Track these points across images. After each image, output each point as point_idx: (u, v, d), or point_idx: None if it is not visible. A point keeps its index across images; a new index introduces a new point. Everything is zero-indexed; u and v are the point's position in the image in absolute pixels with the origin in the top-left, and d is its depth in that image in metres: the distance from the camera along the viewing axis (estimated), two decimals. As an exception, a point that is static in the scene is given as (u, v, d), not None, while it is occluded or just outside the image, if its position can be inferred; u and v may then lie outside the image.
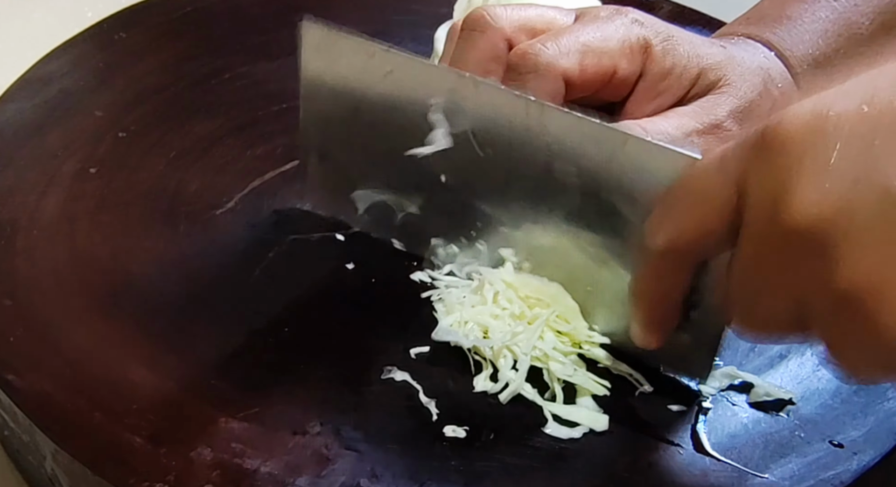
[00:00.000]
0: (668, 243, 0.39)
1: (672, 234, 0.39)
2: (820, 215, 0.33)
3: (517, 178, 0.46)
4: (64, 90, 0.60)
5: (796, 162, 0.34)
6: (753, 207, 0.36)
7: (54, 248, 0.50)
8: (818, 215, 0.33)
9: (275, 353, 0.46)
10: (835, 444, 0.44)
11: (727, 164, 0.37)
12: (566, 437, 0.43)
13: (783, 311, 0.36)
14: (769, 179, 0.35)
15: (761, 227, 0.35)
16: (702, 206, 0.38)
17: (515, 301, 0.47)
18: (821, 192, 0.33)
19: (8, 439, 0.48)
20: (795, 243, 0.34)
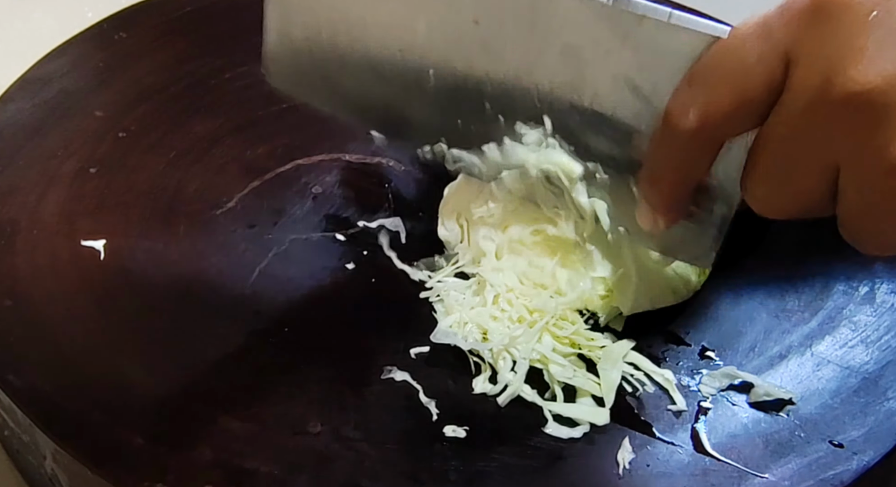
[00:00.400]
0: (700, 120, 0.37)
1: (705, 110, 0.37)
2: (882, 81, 0.32)
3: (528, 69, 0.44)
4: (64, 90, 0.60)
5: (861, 26, 0.33)
6: (805, 72, 0.34)
7: (54, 248, 0.50)
8: (880, 80, 0.32)
9: (275, 353, 0.46)
10: (835, 444, 0.44)
11: (772, 30, 0.35)
12: (566, 437, 0.43)
13: (814, 183, 0.35)
14: (825, 44, 0.33)
15: (810, 93, 0.34)
16: (740, 78, 0.36)
17: (516, 304, 0.46)
18: (885, 60, 0.32)
19: (8, 439, 0.48)
20: (849, 111, 0.33)
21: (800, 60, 0.34)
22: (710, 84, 0.37)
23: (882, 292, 0.50)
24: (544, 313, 0.46)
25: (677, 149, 0.39)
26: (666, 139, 0.39)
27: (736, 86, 0.36)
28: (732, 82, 0.36)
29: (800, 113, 0.34)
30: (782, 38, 0.35)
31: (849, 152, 0.34)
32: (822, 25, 0.34)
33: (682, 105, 0.38)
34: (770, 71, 0.35)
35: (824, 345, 0.48)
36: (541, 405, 0.44)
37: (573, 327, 0.46)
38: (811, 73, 0.34)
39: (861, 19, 0.33)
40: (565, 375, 0.45)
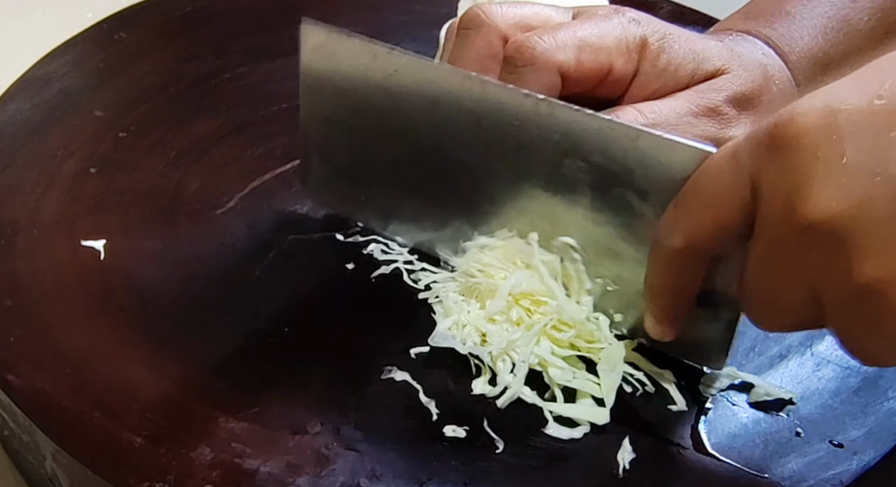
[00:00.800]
0: (685, 241, 0.40)
1: (688, 232, 0.40)
2: (837, 211, 0.33)
3: (527, 176, 0.46)
4: (64, 90, 0.60)
5: (810, 158, 0.34)
6: (768, 203, 0.36)
7: (54, 248, 0.51)
8: (835, 210, 0.33)
9: (275, 353, 0.46)
10: (835, 444, 0.44)
11: (739, 160, 0.37)
12: (566, 437, 0.43)
13: (799, 303, 0.37)
14: (783, 177, 0.35)
15: (777, 223, 0.36)
16: (716, 203, 0.38)
17: (514, 307, 0.46)
18: (837, 187, 0.33)
19: (8, 439, 0.48)
20: (812, 238, 0.34)
21: (763, 191, 0.36)
22: (691, 208, 0.40)
23: (882, 292, 0.50)
24: (544, 315, 0.46)
25: (669, 266, 0.42)
26: (658, 257, 0.42)
27: (713, 210, 0.39)
28: (710, 207, 0.39)
29: (771, 242, 0.37)
30: (749, 167, 0.37)
31: (820, 277, 0.35)
32: (779, 158, 0.35)
33: (670, 226, 0.41)
34: (741, 197, 0.37)
35: (824, 345, 0.48)
36: (541, 406, 0.44)
37: (572, 330, 0.46)
38: (774, 204, 0.36)
39: (809, 152, 0.34)
40: (564, 378, 0.45)
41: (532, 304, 0.46)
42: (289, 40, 0.50)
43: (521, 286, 0.46)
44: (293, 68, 0.50)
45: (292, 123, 0.58)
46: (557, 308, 0.46)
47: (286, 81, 0.61)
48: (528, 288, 0.46)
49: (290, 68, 0.57)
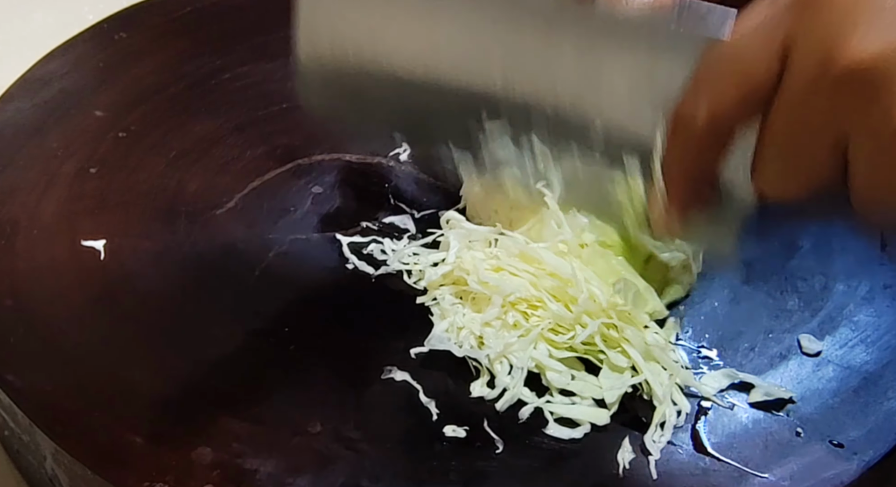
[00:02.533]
0: (710, 115, 0.38)
1: (713, 106, 0.38)
2: (877, 53, 0.34)
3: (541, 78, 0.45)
4: (64, 90, 0.60)
5: (850, 5, 0.34)
6: (802, 55, 0.36)
7: (54, 248, 0.51)
8: (875, 52, 0.34)
9: (275, 353, 0.46)
10: (835, 444, 0.44)
11: (770, 20, 0.37)
12: (567, 437, 0.43)
13: (823, 156, 0.36)
14: (820, 25, 0.35)
15: (810, 72, 0.35)
16: (744, 69, 0.37)
17: (511, 311, 0.46)
18: (878, 29, 0.34)
19: (8, 439, 0.48)
20: (848, 84, 0.34)
21: (796, 44, 0.36)
22: (714, 82, 0.38)
23: (882, 293, 0.50)
24: (542, 319, 0.46)
25: (691, 147, 0.40)
26: (679, 139, 0.40)
27: (739, 79, 0.37)
28: (735, 76, 0.38)
29: (802, 92, 0.36)
30: (778, 27, 0.36)
31: (854, 122, 0.35)
32: (813, 9, 0.35)
33: (691, 105, 0.39)
34: (769, 59, 0.36)
35: (824, 345, 0.48)
36: (541, 407, 0.44)
37: (570, 333, 0.46)
38: (809, 54, 0.35)
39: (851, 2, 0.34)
40: (562, 381, 0.45)
41: (529, 307, 0.46)
42: (289, 40, 0.50)
43: (514, 295, 0.46)
44: (293, 68, 0.50)
45: (292, 123, 0.58)
46: (554, 314, 0.46)
47: (286, 81, 0.61)
48: (522, 296, 0.46)
49: (290, 68, 0.57)
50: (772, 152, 0.38)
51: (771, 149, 0.38)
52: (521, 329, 0.46)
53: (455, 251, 0.48)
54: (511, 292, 0.46)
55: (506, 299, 0.46)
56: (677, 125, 0.40)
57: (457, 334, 0.46)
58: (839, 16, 0.34)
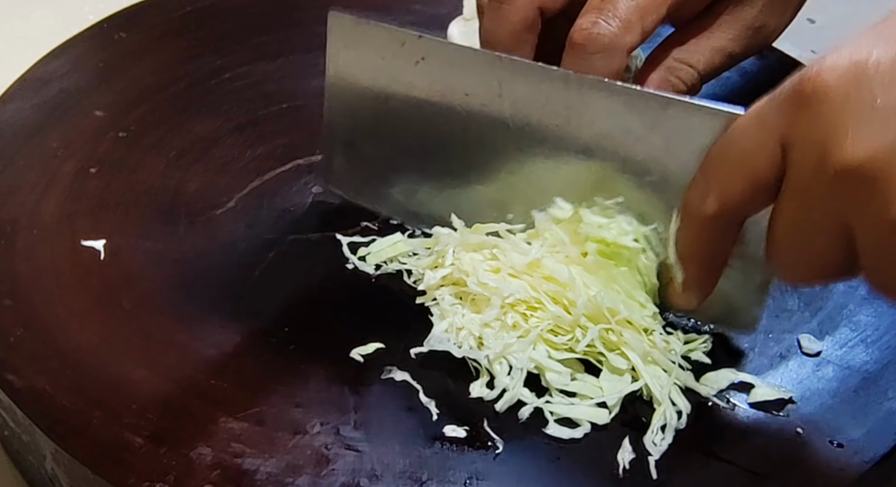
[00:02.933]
0: (718, 205, 0.41)
1: (720, 196, 0.41)
2: (872, 153, 0.35)
3: (557, 157, 0.46)
4: (64, 90, 0.60)
5: (842, 107, 0.36)
6: (800, 154, 0.37)
7: (54, 248, 0.51)
8: (870, 152, 0.35)
9: (275, 353, 0.46)
10: (835, 444, 0.44)
11: (766, 119, 0.39)
12: (567, 437, 0.43)
13: (831, 248, 0.38)
14: (814, 128, 0.36)
15: (810, 171, 0.37)
16: (747, 163, 0.39)
17: (510, 312, 0.46)
18: (869, 131, 0.35)
19: (8, 439, 0.48)
20: (846, 182, 0.36)
21: (794, 145, 0.38)
22: (721, 173, 0.41)
23: (882, 292, 0.50)
24: (541, 320, 0.46)
25: (702, 233, 0.42)
26: (690, 226, 0.43)
27: (744, 172, 0.40)
28: (740, 169, 0.40)
29: (804, 188, 0.38)
30: (776, 126, 0.38)
31: (855, 216, 0.36)
32: (807, 111, 0.37)
33: (700, 194, 0.41)
34: (771, 156, 0.38)
35: (824, 345, 0.48)
36: (541, 407, 0.44)
37: (569, 334, 0.45)
38: (806, 153, 0.37)
39: (840, 102, 0.36)
40: (562, 381, 0.45)
41: (528, 309, 0.46)
42: (289, 40, 0.50)
43: (514, 296, 0.46)
44: (293, 68, 0.50)
45: (292, 123, 0.58)
46: (554, 315, 0.45)
47: (286, 81, 0.61)
48: (521, 297, 0.46)
49: (290, 68, 0.57)
50: (782, 241, 0.40)
51: (781, 238, 0.40)
52: (520, 330, 0.46)
53: (452, 254, 0.48)
54: (510, 293, 0.46)
55: (505, 301, 0.46)
56: (687, 215, 0.42)
57: (456, 334, 0.46)
58: (832, 117, 0.36)
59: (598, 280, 0.46)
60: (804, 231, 0.38)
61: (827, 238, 0.38)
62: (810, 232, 0.38)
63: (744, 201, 0.40)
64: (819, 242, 0.38)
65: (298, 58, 0.62)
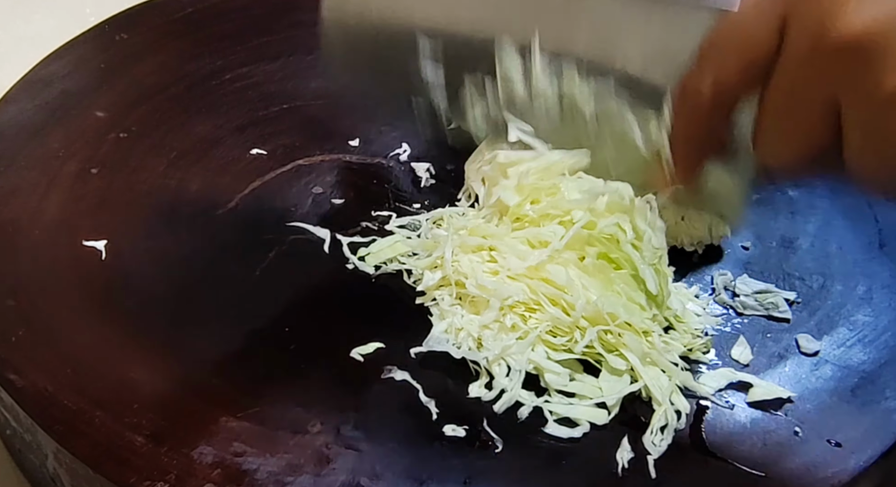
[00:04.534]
0: (714, 87, 0.41)
1: (716, 76, 0.41)
2: (870, 25, 0.36)
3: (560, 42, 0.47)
4: (65, 91, 0.60)
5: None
6: (798, 29, 0.38)
7: (56, 248, 0.51)
8: (868, 25, 0.36)
9: (275, 353, 0.46)
10: (833, 443, 0.44)
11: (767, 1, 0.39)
12: (566, 437, 0.44)
13: (818, 123, 0.38)
14: (814, 2, 0.37)
15: (806, 43, 0.38)
16: (745, 43, 0.40)
17: (508, 314, 0.46)
18: (868, 6, 0.36)
19: (10, 438, 0.48)
20: (842, 55, 0.37)
21: (793, 18, 0.38)
22: (718, 56, 0.41)
23: (880, 292, 0.50)
24: (540, 321, 0.46)
25: (696, 116, 0.43)
26: (685, 110, 0.43)
27: (740, 52, 0.40)
28: (737, 49, 0.40)
29: (798, 62, 0.38)
30: (776, 5, 0.39)
31: (847, 90, 0.37)
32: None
33: (696, 78, 0.42)
34: (769, 32, 0.39)
35: (822, 345, 0.48)
36: (541, 406, 0.44)
37: (568, 335, 0.45)
38: (804, 27, 0.38)
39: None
40: (560, 382, 0.45)
41: (527, 310, 0.46)
42: (289, 41, 0.50)
43: (512, 298, 0.46)
44: (294, 69, 0.50)
45: (292, 123, 0.58)
46: (553, 317, 0.46)
47: (286, 82, 0.61)
48: (520, 299, 0.46)
49: (290, 69, 0.57)
50: (770, 120, 0.40)
51: (769, 117, 0.40)
52: (519, 331, 0.46)
53: (450, 258, 0.48)
54: (509, 295, 0.46)
55: (504, 303, 0.46)
56: (683, 95, 0.43)
57: (455, 335, 0.46)
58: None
59: (597, 283, 0.46)
60: (793, 109, 0.39)
61: (815, 115, 0.38)
62: (799, 109, 0.39)
63: (739, 81, 0.41)
64: (807, 119, 0.39)
65: (299, 59, 0.62)
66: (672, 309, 0.47)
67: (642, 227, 0.46)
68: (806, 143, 0.39)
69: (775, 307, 0.49)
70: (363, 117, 0.57)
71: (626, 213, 0.46)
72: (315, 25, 0.52)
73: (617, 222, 0.46)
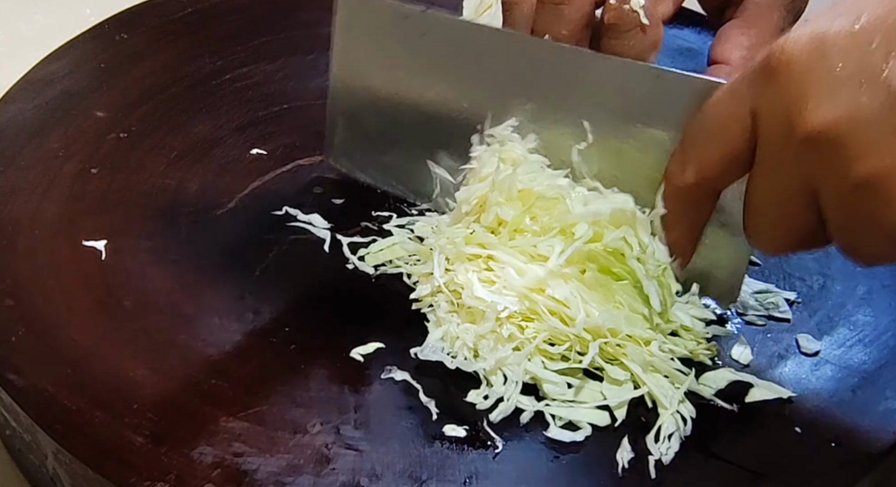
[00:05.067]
0: (695, 175, 0.43)
1: (698, 166, 0.43)
2: (832, 119, 0.37)
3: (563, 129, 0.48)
4: (65, 91, 0.60)
5: (803, 78, 0.38)
6: (767, 125, 0.40)
7: (56, 248, 0.51)
8: (830, 119, 0.37)
9: (275, 353, 0.46)
10: (833, 443, 0.44)
11: (738, 93, 0.41)
12: (568, 440, 0.43)
13: (801, 214, 0.40)
14: (780, 98, 0.39)
15: (777, 140, 0.39)
16: (721, 135, 0.42)
17: (505, 324, 0.46)
18: (830, 98, 0.37)
19: (10, 438, 0.48)
20: (811, 148, 0.38)
21: (762, 114, 0.40)
22: (698, 143, 0.43)
23: (880, 293, 0.50)
24: (538, 331, 0.45)
25: (680, 203, 0.45)
26: (671, 195, 0.45)
27: (719, 143, 0.42)
28: (715, 140, 0.42)
29: (772, 158, 0.40)
30: (747, 97, 0.41)
31: (820, 179, 0.39)
32: (774, 83, 0.39)
33: (679, 165, 0.44)
34: (743, 127, 0.41)
35: (823, 345, 0.48)
36: (542, 409, 0.44)
37: (566, 343, 0.45)
38: (773, 124, 0.40)
39: (802, 72, 0.38)
40: (558, 392, 0.44)
41: (524, 320, 0.46)
42: (289, 41, 0.50)
43: (509, 310, 0.46)
44: (293, 69, 0.50)
45: (292, 124, 0.58)
46: (550, 327, 0.45)
47: (286, 82, 0.61)
48: (517, 310, 0.46)
49: (290, 69, 0.57)
50: (757, 210, 0.42)
51: (755, 207, 0.42)
52: (516, 341, 0.45)
53: (440, 274, 0.48)
54: (505, 307, 0.46)
55: (499, 314, 0.46)
56: (668, 184, 0.45)
57: (451, 344, 0.46)
58: (795, 87, 0.38)
59: (598, 296, 0.46)
60: (775, 199, 0.40)
61: (796, 204, 0.40)
62: (781, 199, 0.40)
63: (719, 171, 0.42)
64: (789, 208, 0.40)
65: (299, 59, 0.62)
66: (674, 322, 0.47)
67: (646, 240, 0.46)
68: (792, 230, 0.41)
69: (775, 306, 0.49)
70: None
71: (630, 226, 0.46)
72: (315, 25, 0.52)
73: (623, 235, 0.46)
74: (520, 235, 0.48)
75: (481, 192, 0.48)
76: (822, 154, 0.38)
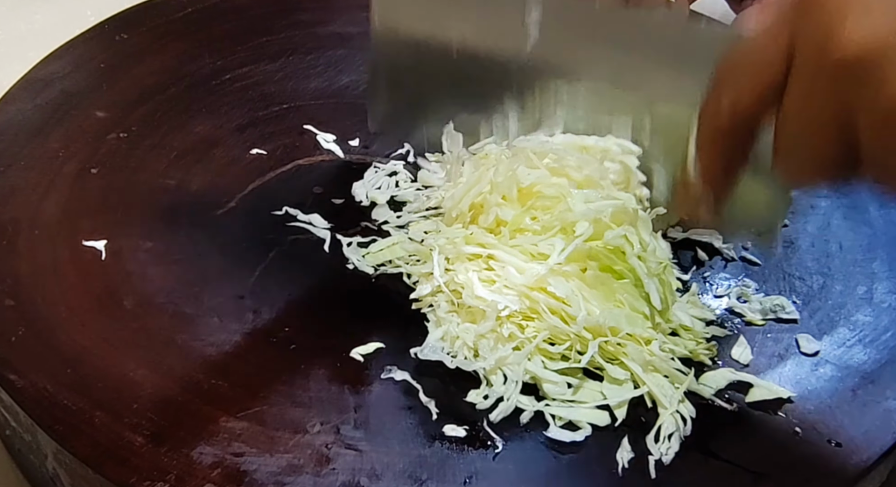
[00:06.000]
0: (732, 113, 0.42)
1: (734, 103, 0.42)
2: (866, 44, 0.37)
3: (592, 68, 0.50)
4: (65, 91, 0.60)
5: (840, 5, 0.38)
6: (803, 50, 0.40)
7: (56, 248, 0.51)
8: (865, 44, 0.37)
9: (275, 353, 0.46)
10: (833, 443, 0.44)
11: (773, 24, 0.41)
12: (568, 440, 0.43)
13: (833, 140, 0.39)
14: (816, 26, 0.39)
15: (812, 65, 0.39)
16: (758, 67, 0.41)
17: (505, 324, 0.46)
18: (865, 24, 0.38)
19: (10, 438, 0.48)
20: (845, 73, 0.38)
21: (798, 42, 0.40)
22: (733, 80, 0.42)
23: (880, 292, 0.50)
24: (538, 330, 0.46)
25: (717, 142, 0.43)
26: (707, 133, 0.44)
27: (754, 76, 0.41)
28: (750, 74, 0.42)
29: (806, 83, 0.40)
30: (783, 27, 0.40)
31: (854, 103, 0.38)
32: (809, 10, 0.39)
33: (714, 101, 0.43)
34: (778, 57, 0.40)
35: (823, 345, 0.48)
36: (542, 410, 0.44)
37: (566, 342, 0.45)
38: (808, 50, 0.39)
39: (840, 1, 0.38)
40: (558, 392, 0.45)
41: (524, 319, 0.46)
42: (289, 41, 0.50)
43: (509, 309, 0.46)
44: (293, 69, 0.50)
45: (292, 123, 0.58)
46: (550, 326, 0.45)
47: (286, 82, 0.61)
48: (517, 309, 0.46)
49: (290, 69, 0.57)
50: (787, 142, 0.41)
51: (786, 139, 0.41)
52: (516, 341, 0.45)
53: (439, 274, 0.48)
54: (506, 306, 0.46)
55: (500, 314, 0.46)
56: (703, 121, 0.44)
57: (451, 343, 0.46)
58: (830, 14, 0.38)
59: (599, 294, 0.46)
60: (807, 125, 0.40)
61: (829, 130, 0.39)
62: (813, 125, 0.40)
63: (755, 104, 0.42)
64: (821, 135, 0.40)
65: (299, 59, 0.63)
66: (674, 321, 0.47)
67: (647, 238, 0.46)
68: (823, 159, 0.41)
69: (781, 308, 0.49)
70: (363, 117, 0.57)
71: (632, 224, 0.46)
72: (315, 25, 0.52)
73: (624, 233, 0.46)
74: (520, 234, 0.48)
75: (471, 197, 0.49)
76: (854, 78, 0.38)
